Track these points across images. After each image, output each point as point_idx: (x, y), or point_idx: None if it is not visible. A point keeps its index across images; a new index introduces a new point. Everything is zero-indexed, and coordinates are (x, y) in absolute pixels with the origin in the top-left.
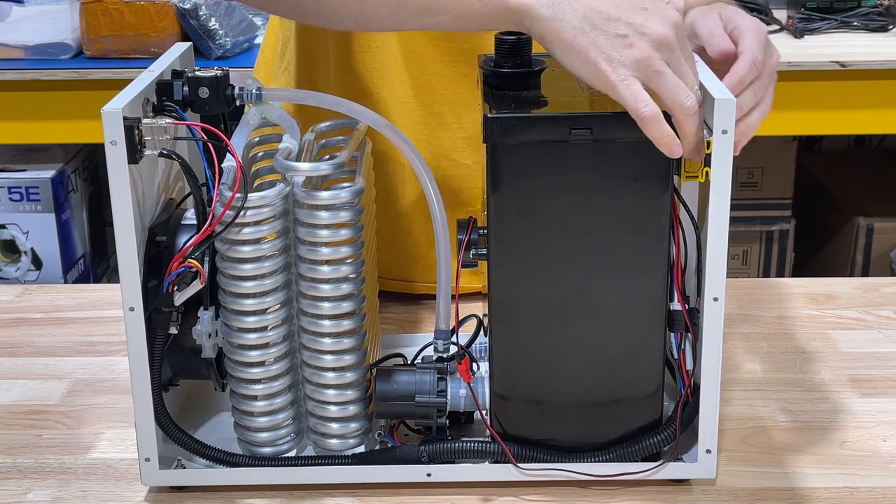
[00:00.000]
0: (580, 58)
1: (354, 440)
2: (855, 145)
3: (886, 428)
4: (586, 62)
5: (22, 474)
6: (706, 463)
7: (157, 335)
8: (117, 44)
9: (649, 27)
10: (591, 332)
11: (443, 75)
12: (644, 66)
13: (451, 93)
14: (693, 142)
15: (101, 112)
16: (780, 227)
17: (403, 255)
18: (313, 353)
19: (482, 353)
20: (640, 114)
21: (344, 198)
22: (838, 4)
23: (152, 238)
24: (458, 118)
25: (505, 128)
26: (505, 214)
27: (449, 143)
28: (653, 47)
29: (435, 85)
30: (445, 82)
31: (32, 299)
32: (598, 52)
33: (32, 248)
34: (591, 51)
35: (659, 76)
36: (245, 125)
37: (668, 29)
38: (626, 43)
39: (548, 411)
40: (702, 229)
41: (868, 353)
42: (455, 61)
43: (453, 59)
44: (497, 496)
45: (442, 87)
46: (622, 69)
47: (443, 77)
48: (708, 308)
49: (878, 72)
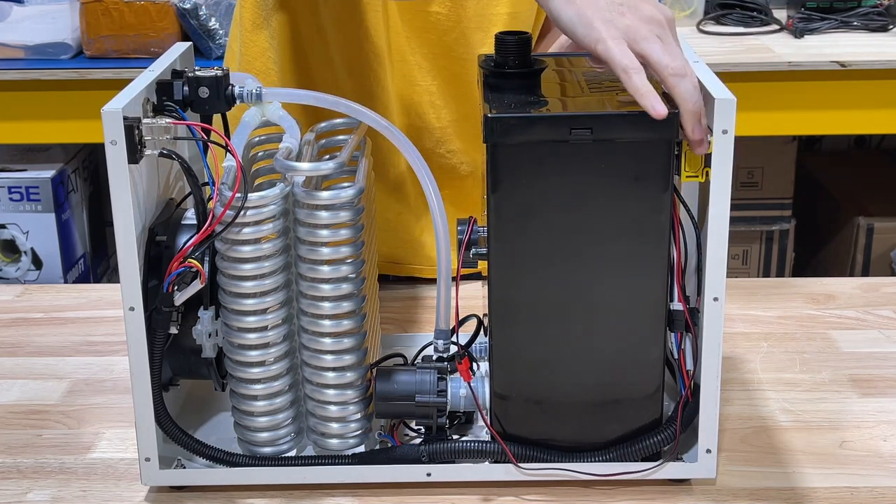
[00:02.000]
0: (578, 13)
1: (354, 440)
2: (855, 145)
3: (886, 428)
4: (582, 18)
5: (22, 474)
6: (706, 463)
7: (157, 335)
8: (117, 44)
9: (643, 6)
10: (591, 332)
11: (422, 67)
12: (633, 30)
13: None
14: (690, 109)
15: (101, 112)
16: (780, 227)
17: (409, 239)
18: (313, 353)
19: (482, 353)
20: (623, 65)
21: (344, 198)
22: (838, 4)
23: (152, 238)
24: (435, 109)
25: (505, 128)
26: (505, 214)
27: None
28: (643, 21)
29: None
30: (423, 74)
31: (32, 299)
32: (596, 10)
33: (32, 248)
34: (589, 9)
35: (646, 41)
36: (245, 125)
37: (658, 12)
38: (621, 11)
39: (548, 411)
40: (702, 229)
41: (868, 353)
42: (434, 54)
43: (433, 51)
44: (497, 496)
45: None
46: (614, 29)
47: (421, 69)
48: (708, 308)
49: (878, 72)
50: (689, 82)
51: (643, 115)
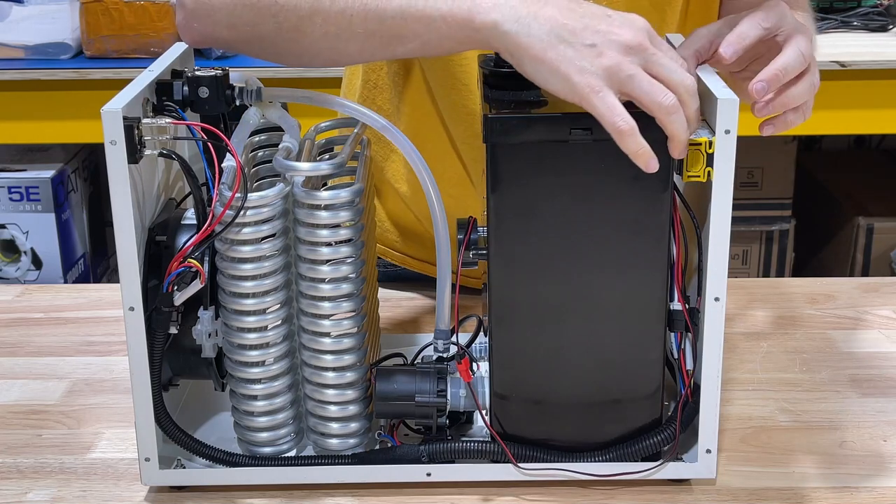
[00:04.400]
0: (551, 71)
1: (354, 440)
2: (855, 145)
3: (886, 428)
4: (558, 75)
5: (22, 474)
6: (706, 463)
7: (157, 335)
8: (117, 44)
9: (616, 33)
10: (591, 332)
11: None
12: (615, 72)
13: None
14: (683, 140)
15: (101, 112)
16: (780, 227)
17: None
18: (313, 352)
19: (482, 353)
20: (616, 127)
21: (344, 198)
22: (838, 4)
23: (152, 238)
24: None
25: (505, 128)
26: (505, 214)
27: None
28: (622, 52)
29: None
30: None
31: (32, 299)
32: (569, 64)
33: (32, 248)
34: (562, 63)
35: (631, 80)
36: (245, 125)
37: (634, 32)
38: (595, 52)
39: (548, 411)
40: (702, 229)
41: (868, 353)
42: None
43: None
44: (497, 496)
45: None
46: (595, 80)
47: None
48: (709, 308)
49: (878, 72)
50: (680, 119)
51: (643, 116)
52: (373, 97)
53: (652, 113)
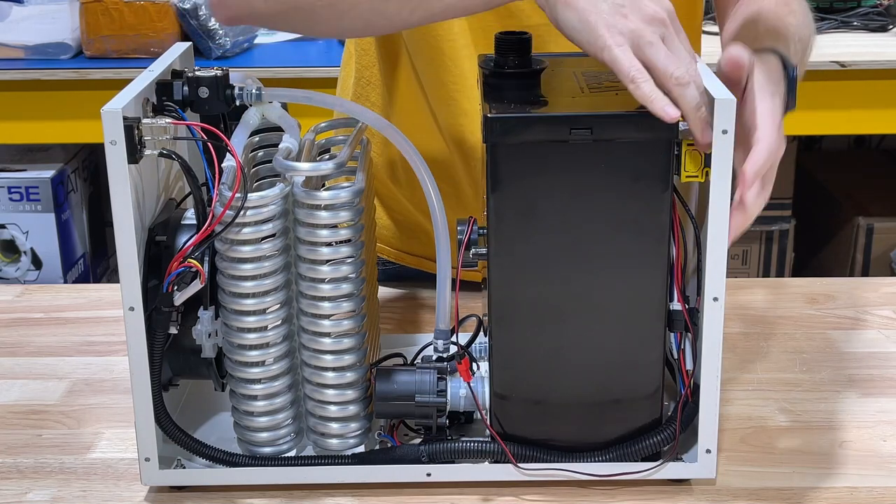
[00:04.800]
0: (581, 19)
1: (354, 440)
2: (855, 145)
3: (886, 428)
4: (586, 24)
5: (22, 474)
6: (706, 463)
7: (157, 335)
8: (117, 44)
9: (644, 3)
10: (591, 332)
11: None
12: (637, 35)
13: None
14: (694, 116)
15: (101, 112)
16: (780, 227)
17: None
18: (313, 352)
19: (482, 353)
20: (630, 75)
21: (344, 198)
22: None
23: (152, 238)
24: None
25: (505, 128)
26: (505, 214)
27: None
28: (645, 21)
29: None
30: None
31: (32, 299)
32: (599, 16)
33: (32, 248)
34: (592, 14)
35: (650, 46)
36: (245, 125)
37: (660, 9)
38: (622, 13)
39: (548, 411)
40: (702, 229)
41: (868, 353)
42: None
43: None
44: (497, 496)
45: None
46: (618, 35)
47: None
48: (708, 308)
49: (878, 72)
50: (692, 90)
51: (643, 115)
52: (366, 94)
53: (664, 84)
